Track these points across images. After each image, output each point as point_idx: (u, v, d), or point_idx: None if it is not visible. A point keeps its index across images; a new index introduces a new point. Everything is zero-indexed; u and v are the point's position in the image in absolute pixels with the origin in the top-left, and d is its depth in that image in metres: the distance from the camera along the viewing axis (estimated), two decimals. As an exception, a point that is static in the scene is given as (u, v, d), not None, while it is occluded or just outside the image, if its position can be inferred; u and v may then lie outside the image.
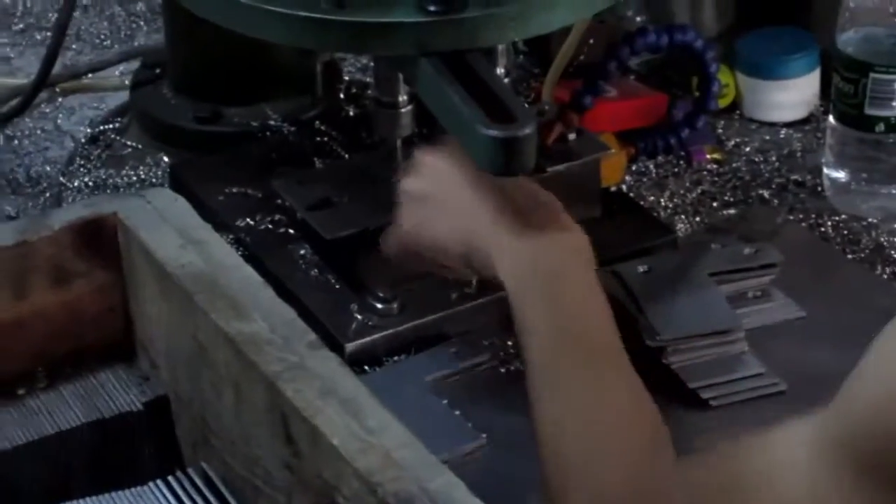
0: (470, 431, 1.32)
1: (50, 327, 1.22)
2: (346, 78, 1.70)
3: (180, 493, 1.12)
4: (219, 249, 1.18)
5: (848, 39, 1.55)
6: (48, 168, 1.71)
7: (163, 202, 1.21)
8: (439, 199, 1.30)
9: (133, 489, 1.14)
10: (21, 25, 1.92)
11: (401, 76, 1.43)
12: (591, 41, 1.56)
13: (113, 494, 1.13)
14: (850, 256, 1.55)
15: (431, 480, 0.98)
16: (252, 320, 1.10)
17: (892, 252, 1.54)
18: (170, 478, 1.13)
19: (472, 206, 1.26)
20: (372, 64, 1.53)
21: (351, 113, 1.65)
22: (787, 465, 1.03)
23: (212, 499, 1.12)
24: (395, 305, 1.47)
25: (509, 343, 1.44)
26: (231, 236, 1.47)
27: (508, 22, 1.33)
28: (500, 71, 1.43)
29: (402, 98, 1.45)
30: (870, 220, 1.58)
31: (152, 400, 1.20)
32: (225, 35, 1.39)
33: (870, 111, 1.55)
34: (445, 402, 1.37)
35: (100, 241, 1.21)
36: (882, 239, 1.55)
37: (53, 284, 1.21)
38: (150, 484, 1.14)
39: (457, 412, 1.36)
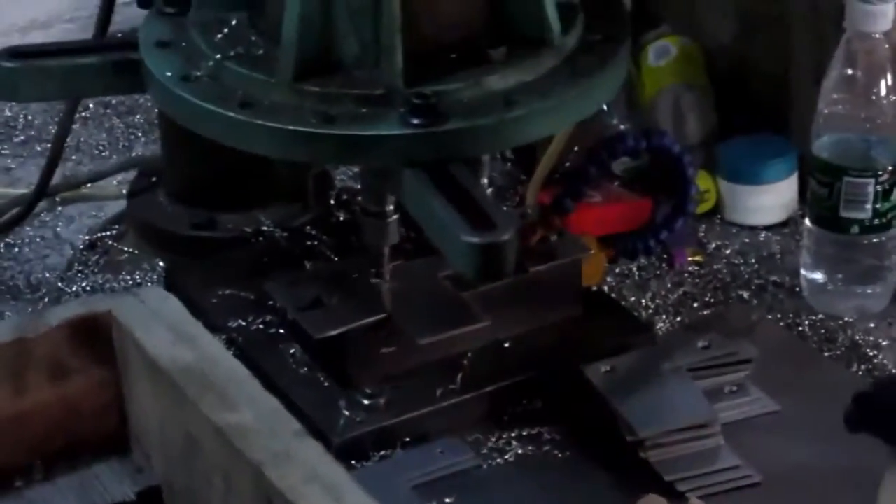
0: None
1: (47, 422, 1.24)
2: (338, 185, 1.74)
3: None
4: (208, 344, 1.20)
5: (822, 145, 1.59)
6: (47, 274, 1.73)
7: (155, 301, 1.24)
8: None
9: None
10: (22, 137, 1.95)
11: (385, 185, 1.46)
12: (576, 148, 1.57)
13: None
14: (826, 354, 1.58)
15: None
16: (239, 411, 1.13)
17: (867, 350, 1.57)
18: None
19: None
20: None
21: (341, 218, 1.68)
22: None
23: None
24: (381, 401, 1.49)
25: (491, 440, 1.48)
26: (224, 336, 1.48)
27: (488, 134, 1.37)
28: (484, 179, 1.47)
29: (389, 208, 1.48)
30: (846, 318, 1.61)
31: (145, 490, 1.22)
32: (218, 146, 1.41)
33: (844, 213, 1.59)
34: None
35: (95, 337, 1.23)
36: (857, 337, 1.58)
37: (51, 380, 1.23)
38: None
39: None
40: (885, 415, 1.02)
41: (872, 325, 1.62)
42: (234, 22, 1.43)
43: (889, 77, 1.58)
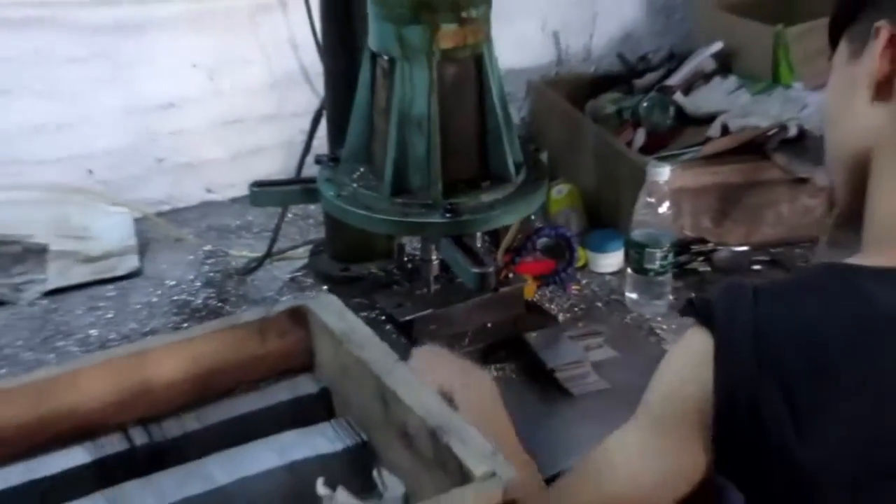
0: None
1: (277, 357, 1.17)
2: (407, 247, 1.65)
3: (334, 430, 1.08)
4: (352, 321, 1.13)
5: (635, 235, 1.57)
6: (271, 293, 1.64)
7: (327, 300, 1.17)
8: (426, 370, 1.17)
9: (302, 429, 1.07)
10: (256, 230, 1.83)
11: (432, 245, 1.44)
12: (519, 235, 1.54)
13: (287, 434, 1.06)
14: (641, 330, 1.55)
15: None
16: (367, 351, 1.08)
17: (659, 330, 1.55)
18: (328, 423, 1.10)
19: (442, 372, 1.18)
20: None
21: (409, 265, 1.62)
22: (625, 455, 0.96)
23: (351, 434, 1.07)
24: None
25: None
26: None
27: (480, 222, 1.35)
28: (478, 244, 1.44)
29: (433, 257, 1.46)
30: (648, 316, 1.58)
31: (322, 389, 1.14)
32: (353, 229, 1.39)
33: (646, 266, 1.57)
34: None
35: (300, 317, 1.16)
36: (653, 324, 1.56)
37: (278, 336, 1.16)
38: (314, 426, 1.08)
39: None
40: (698, 305, 0.90)
41: (660, 319, 1.58)
42: (361, 169, 1.42)
43: (666, 204, 1.57)
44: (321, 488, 0.99)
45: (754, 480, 0.88)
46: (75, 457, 1.03)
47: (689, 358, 0.91)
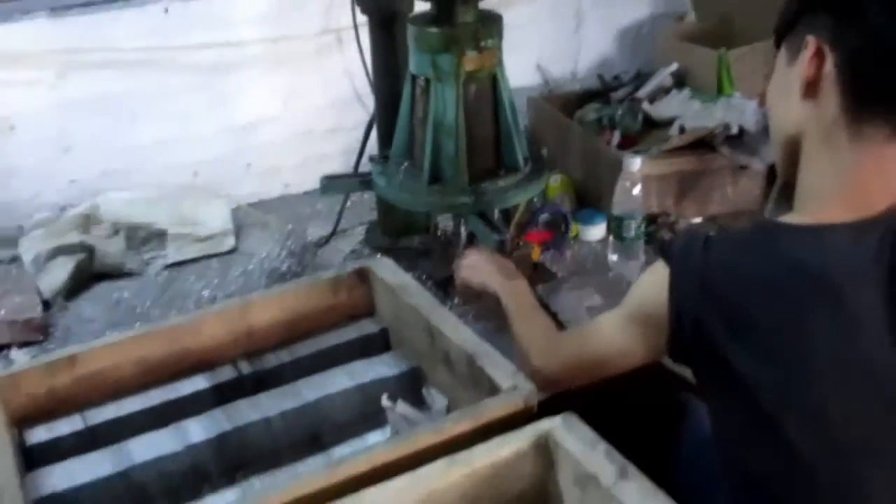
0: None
1: (345, 306, 1.18)
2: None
3: (392, 359, 1.10)
4: (402, 275, 1.15)
5: (615, 210, 1.55)
6: (340, 259, 1.63)
7: (384, 263, 1.19)
8: (476, 266, 1.26)
9: (367, 359, 1.09)
10: (322, 216, 1.79)
11: (461, 221, 1.45)
12: (526, 212, 1.54)
13: (356, 363, 1.08)
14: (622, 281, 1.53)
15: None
16: (415, 299, 1.09)
17: (627, 279, 1.52)
18: (388, 353, 1.12)
19: (488, 270, 1.23)
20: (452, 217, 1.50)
21: (440, 237, 1.61)
22: (606, 328, 1.00)
23: (405, 362, 1.09)
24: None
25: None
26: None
27: (498, 201, 1.36)
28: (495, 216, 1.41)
29: (462, 230, 1.46)
30: (627, 272, 1.55)
31: (383, 328, 1.15)
32: (400, 210, 1.43)
33: (623, 234, 1.56)
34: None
35: (364, 276, 1.18)
36: (631, 280, 1.42)
37: (347, 290, 1.18)
38: (377, 357, 1.11)
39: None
40: (664, 245, 0.91)
41: (636, 274, 1.52)
42: (405, 164, 1.43)
43: (638, 187, 1.55)
44: (385, 401, 1.02)
45: (701, 370, 0.89)
46: (198, 383, 1.08)
47: (654, 280, 0.91)
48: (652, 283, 0.93)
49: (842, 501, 0.84)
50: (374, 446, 0.86)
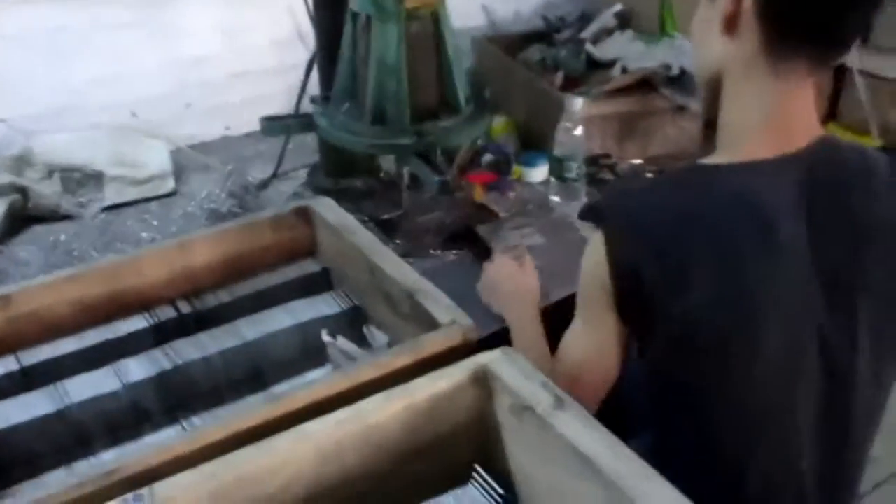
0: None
1: (289, 246, 1.17)
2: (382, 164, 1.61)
3: (333, 298, 1.10)
4: (344, 218, 1.15)
5: (557, 151, 1.55)
6: (281, 199, 1.61)
7: (326, 203, 1.18)
8: (492, 287, 1.22)
9: (309, 298, 1.08)
10: (264, 157, 1.76)
11: (404, 162, 1.43)
12: (470, 153, 1.57)
13: (297, 302, 1.08)
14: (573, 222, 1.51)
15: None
16: (358, 237, 1.09)
17: (574, 223, 1.49)
18: (329, 293, 1.12)
19: (501, 292, 1.20)
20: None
21: (385, 179, 1.58)
22: (572, 340, 0.98)
23: (346, 300, 1.09)
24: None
25: (441, 252, 1.41)
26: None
27: (441, 141, 1.35)
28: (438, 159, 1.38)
29: (404, 170, 1.47)
30: (569, 213, 1.54)
31: (324, 267, 1.15)
32: (340, 149, 1.39)
33: (565, 175, 1.56)
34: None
35: (306, 215, 1.18)
36: (572, 220, 1.51)
37: (288, 230, 1.17)
38: (318, 296, 1.11)
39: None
40: (590, 207, 0.92)
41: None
42: (347, 105, 1.41)
43: (580, 128, 1.54)
44: (325, 337, 1.03)
45: (646, 332, 0.90)
46: (138, 323, 1.07)
47: (591, 253, 0.91)
48: (589, 261, 0.92)
49: (770, 422, 0.88)
50: (314, 381, 0.87)
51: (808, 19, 0.80)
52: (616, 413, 0.94)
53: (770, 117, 0.85)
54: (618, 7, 1.97)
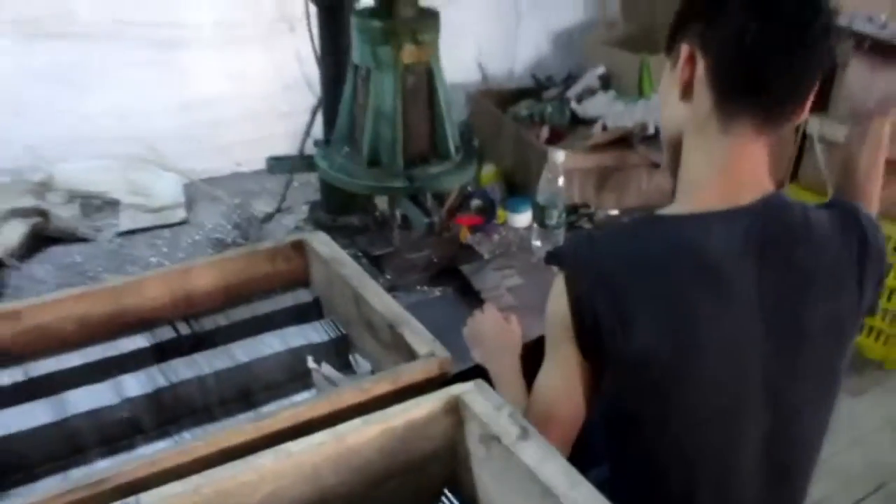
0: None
1: (283, 274, 1.17)
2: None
3: (322, 326, 1.09)
4: (337, 251, 1.15)
5: (540, 199, 1.53)
6: (280, 233, 1.62)
7: (321, 238, 1.18)
8: (475, 337, 1.20)
9: (300, 325, 1.09)
10: (268, 196, 1.77)
11: (396, 203, 1.43)
12: (459, 198, 1.60)
13: (289, 328, 1.07)
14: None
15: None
16: (348, 269, 1.09)
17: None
18: (319, 321, 1.11)
19: (484, 342, 1.18)
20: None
21: (379, 218, 1.56)
22: (542, 384, 0.96)
23: (334, 329, 1.09)
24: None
25: (429, 289, 1.41)
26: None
27: (430, 186, 1.33)
28: (428, 202, 1.36)
29: (397, 212, 1.45)
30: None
31: (316, 297, 1.15)
32: (339, 189, 1.37)
33: (547, 222, 1.54)
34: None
35: (300, 248, 1.18)
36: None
37: (284, 261, 1.17)
38: (309, 324, 1.10)
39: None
40: (553, 253, 0.93)
41: None
42: (346, 149, 1.40)
43: (561, 178, 1.54)
44: (311, 363, 1.02)
45: (602, 368, 0.90)
46: (137, 342, 1.07)
47: (555, 296, 0.92)
48: (553, 303, 0.91)
49: (714, 458, 0.88)
50: (298, 403, 0.86)
51: (750, 84, 0.84)
52: (579, 443, 0.94)
53: (721, 171, 0.87)
54: (601, 70, 2.01)
